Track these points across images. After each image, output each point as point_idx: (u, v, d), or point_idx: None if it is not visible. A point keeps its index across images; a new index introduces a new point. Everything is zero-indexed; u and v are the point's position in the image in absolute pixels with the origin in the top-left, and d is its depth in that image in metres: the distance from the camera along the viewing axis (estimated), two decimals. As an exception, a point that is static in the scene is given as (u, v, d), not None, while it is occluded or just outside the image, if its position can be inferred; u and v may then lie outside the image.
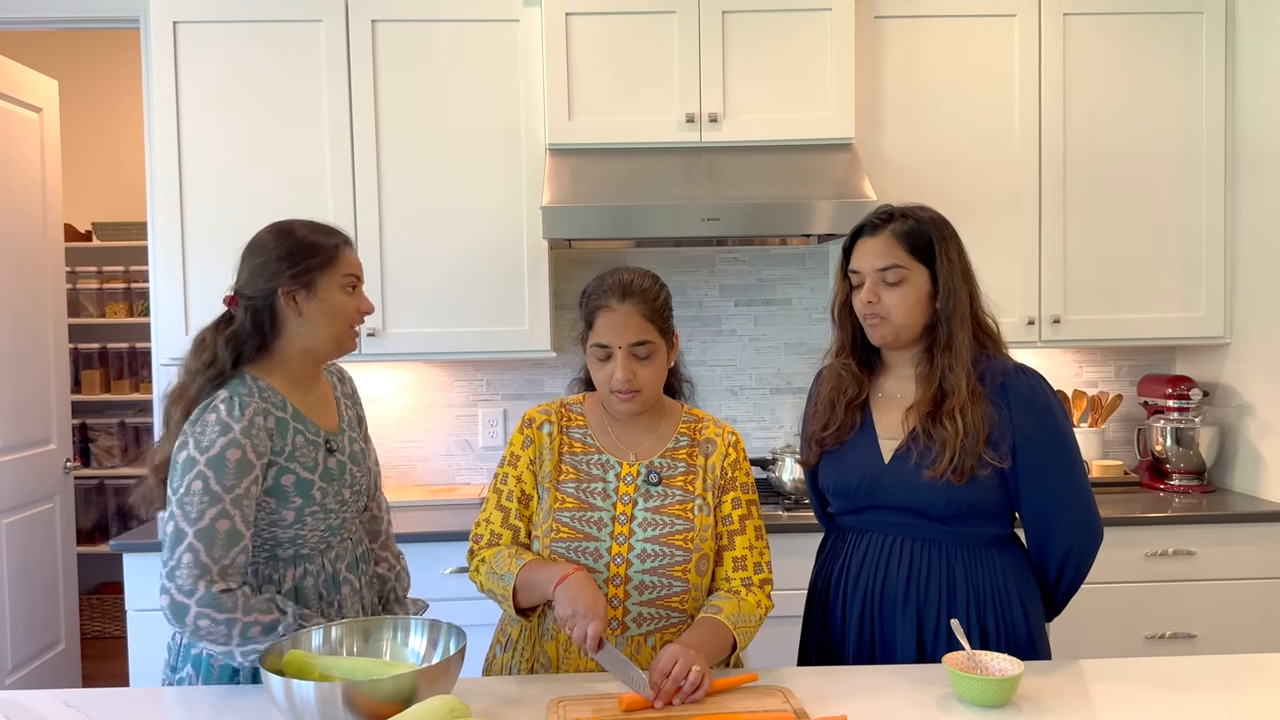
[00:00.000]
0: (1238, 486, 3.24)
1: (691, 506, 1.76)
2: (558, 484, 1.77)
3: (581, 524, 1.73)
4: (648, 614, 1.71)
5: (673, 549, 1.72)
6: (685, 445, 1.81)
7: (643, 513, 1.74)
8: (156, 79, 3.03)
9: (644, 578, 1.70)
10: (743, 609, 1.70)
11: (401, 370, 3.45)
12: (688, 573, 1.72)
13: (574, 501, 1.75)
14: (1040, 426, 1.75)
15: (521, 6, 3.05)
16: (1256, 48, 3.09)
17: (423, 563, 2.82)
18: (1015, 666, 1.54)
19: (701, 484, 1.78)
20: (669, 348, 1.78)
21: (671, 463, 1.79)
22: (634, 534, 1.72)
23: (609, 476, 1.77)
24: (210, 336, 1.77)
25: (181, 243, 3.04)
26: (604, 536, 1.72)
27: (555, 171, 2.94)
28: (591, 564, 1.71)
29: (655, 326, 1.73)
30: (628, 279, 1.74)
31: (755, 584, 1.77)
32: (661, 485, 1.76)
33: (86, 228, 5.04)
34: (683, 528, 1.73)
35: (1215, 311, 3.21)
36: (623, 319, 1.70)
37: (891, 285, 1.77)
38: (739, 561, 1.77)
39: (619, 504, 1.75)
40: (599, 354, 1.73)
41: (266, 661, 1.46)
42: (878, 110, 3.13)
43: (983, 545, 1.78)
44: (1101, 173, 3.18)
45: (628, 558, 1.71)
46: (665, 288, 1.80)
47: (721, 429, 1.85)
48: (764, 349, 3.51)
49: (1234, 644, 2.87)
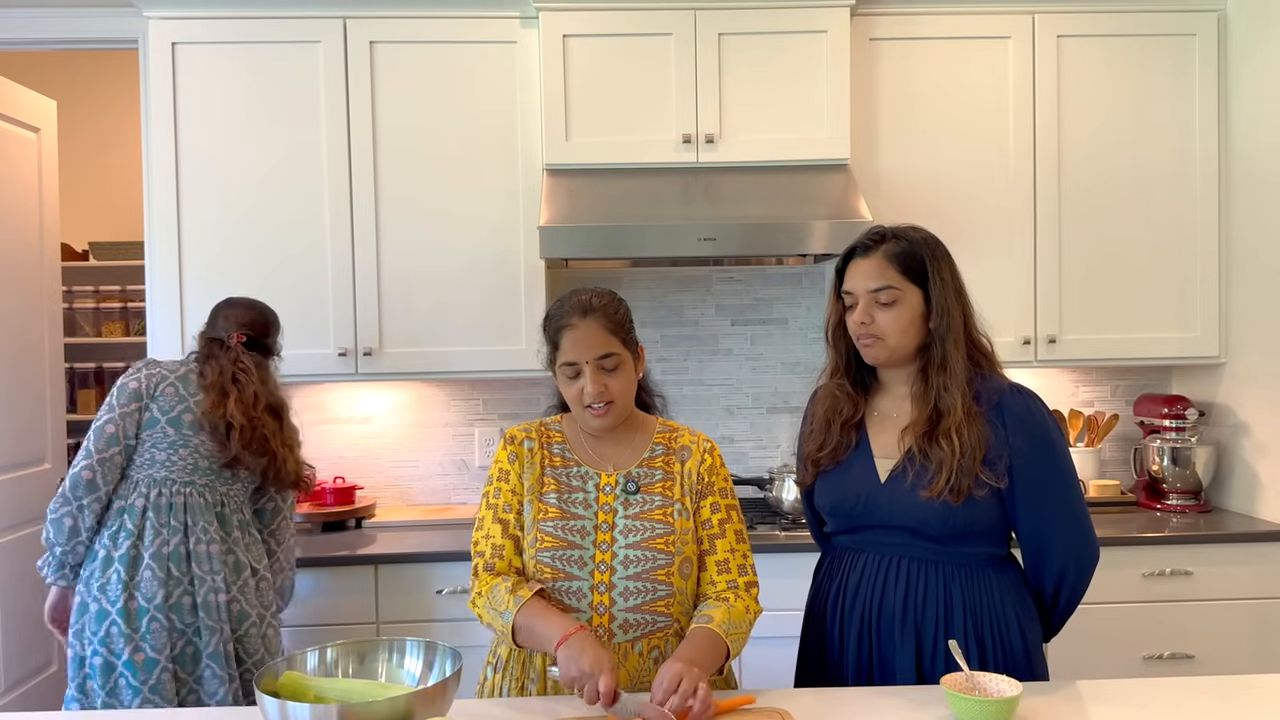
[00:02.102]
0: (1234, 506, 3.24)
1: (671, 511, 1.78)
2: (540, 495, 1.80)
3: (565, 533, 1.76)
4: (634, 620, 1.72)
5: (655, 553, 1.74)
6: (661, 454, 1.84)
7: (623, 520, 1.76)
8: (155, 100, 3.04)
9: (628, 583, 1.72)
10: (733, 616, 1.71)
11: (398, 389, 3.45)
12: (671, 576, 1.74)
13: (556, 511, 1.78)
14: (1035, 446, 1.75)
15: (519, 28, 3.07)
16: (1249, 69, 3.12)
17: (417, 583, 2.81)
18: (1014, 688, 1.54)
19: (679, 489, 1.81)
20: (635, 359, 1.82)
21: (648, 471, 1.82)
22: (616, 541, 1.75)
23: (589, 487, 1.80)
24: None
25: (178, 263, 3.04)
26: (587, 545, 1.75)
27: (552, 191, 2.96)
28: (576, 571, 1.73)
29: (618, 339, 1.77)
30: (586, 297, 1.79)
31: (741, 587, 1.78)
32: (640, 493, 1.79)
33: (83, 247, 5.04)
34: (663, 531, 1.76)
35: (1210, 331, 3.22)
36: (586, 334, 1.74)
37: (885, 306, 1.77)
38: (722, 565, 1.79)
39: (600, 513, 1.78)
40: (568, 372, 1.77)
41: (262, 684, 1.45)
42: (873, 131, 3.15)
43: (979, 565, 1.78)
44: (1096, 193, 3.20)
45: (611, 564, 1.73)
46: (624, 303, 1.84)
47: (696, 436, 1.87)
48: (760, 368, 3.52)
49: (1232, 664, 2.86)
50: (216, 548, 2.32)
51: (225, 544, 2.35)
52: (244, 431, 2.36)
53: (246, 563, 2.38)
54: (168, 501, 2.31)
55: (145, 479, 2.34)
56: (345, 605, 2.80)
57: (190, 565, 2.29)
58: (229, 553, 2.35)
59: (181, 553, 2.29)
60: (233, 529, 2.38)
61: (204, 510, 2.34)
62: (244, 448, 2.37)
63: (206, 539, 2.32)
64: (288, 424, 2.51)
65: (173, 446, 2.36)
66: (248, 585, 2.36)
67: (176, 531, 2.30)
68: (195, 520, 2.32)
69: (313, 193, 3.07)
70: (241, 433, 2.36)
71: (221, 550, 2.33)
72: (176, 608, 2.26)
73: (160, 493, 2.32)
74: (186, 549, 2.30)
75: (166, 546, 2.28)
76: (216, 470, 2.39)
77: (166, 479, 2.34)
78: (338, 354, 3.06)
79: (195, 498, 2.34)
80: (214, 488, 2.38)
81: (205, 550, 2.31)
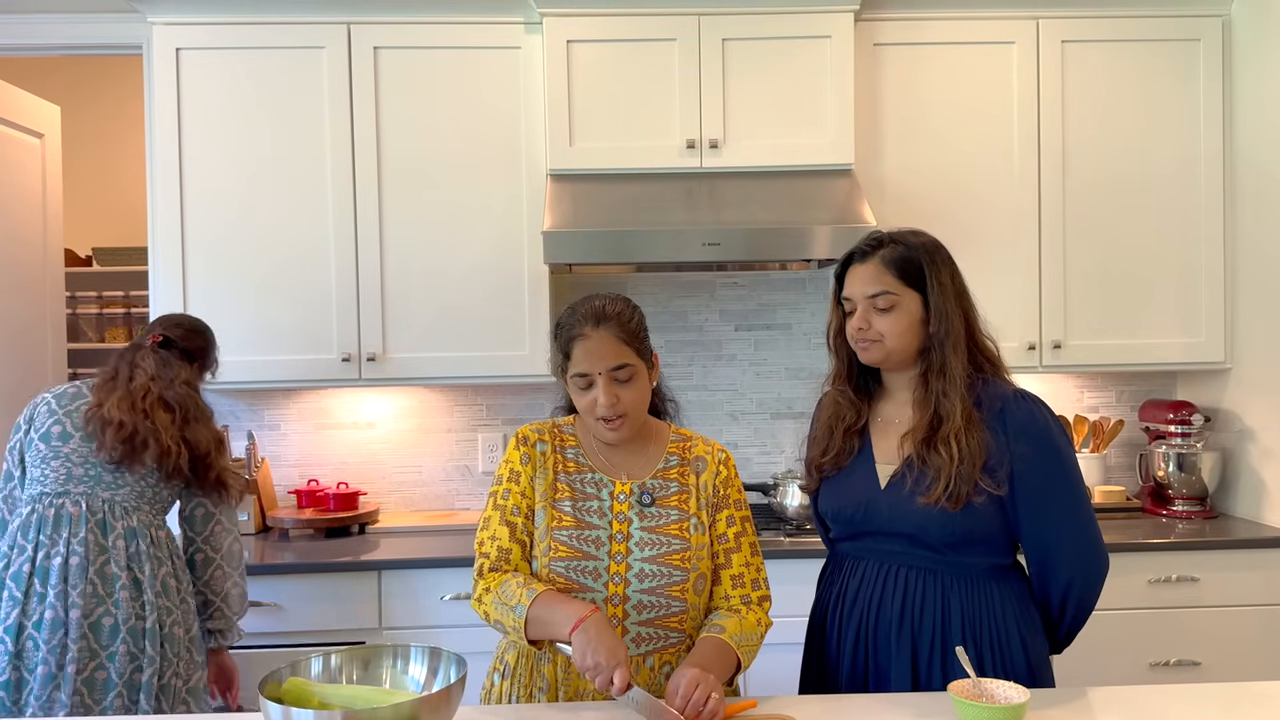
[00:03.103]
0: (1240, 512, 3.23)
1: (688, 526, 1.75)
2: (554, 501, 1.76)
3: (580, 543, 1.72)
4: (646, 634, 1.70)
5: (670, 569, 1.71)
6: (676, 465, 1.81)
7: (639, 532, 1.73)
8: (159, 105, 3.04)
9: (642, 597, 1.69)
10: (744, 627, 1.70)
11: (401, 395, 3.44)
12: (686, 592, 1.71)
13: (571, 520, 1.74)
14: (1039, 452, 1.73)
15: (523, 34, 3.07)
16: (1254, 74, 3.12)
17: (421, 589, 2.81)
18: (1021, 694, 1.53)
19: (695, 503, 1.78)
20: (649, 368, 1.77)
21: (663, 483, 1.78)
22: (631, 553, 1.72)
23: (603, 495, 1.77)
24: None
25: (182, 268, 3.04)
26: (602, 555, 1.72)
27: (556, 196, 2.95)
28: (590, 583, 1.70)
29: (632, 349, 1.72)
30: (599, 305, 1.73)
31: (754, 601, 1.76)
32: (655, 505, 1.76)
33: (87, 253, 5.05)
34: (680, 547, 1.73)
35: (1216, 336, 3.21)
36: (599, 345, 1.69)
37: (882, 311, 1.77)
38: (737, 579, 1.77)
39: (615, 522, 1.74)
40: (580, 383, 1.73)
41: (266, 690, 1.45)
42: (877, 136, 3.15)
43: (980, 575, 1.76)
44: (1101, 198, 3.19)
45: (625, 577, 1.70)
46: (638, 310, 1.79)
47: (710, 446, 1.84)
48: (765, 374, 3.51)
49: (1239, 671, 2.85)
50: (77, 560, 2.19)
51: (99, 554, 2.22)
52: (122, 427, 2.26)
53: (118, 573, 2.21)
54: (39, 517, 2.23)
55: (27, 498, 2.29)
56: (348, 611, 2.80)
57: (46, 580, 2.18)
58: (105, 563, 2.22)
59: (45, 568, 2.19)
60: (117, 537, 2.24)
61: (73, 521, 2.22)
62: (124, 443, 2.26)
63: (69, 551, 2.20)
64: (195, 423, 2.37)
65: (45, 461, 2.29)
66: (120, 595, 2.20)
67: (41, 547, 2.20)
68: (60, 532, 2.21)
69: (316, 198, 3.07)
70: (120, 428, 2.26)
71: (86, 561, 2.20)
72: (22, 628, 2.17)
73: (34, 510, 2.25)
74: (47, 564, 2.19)
75: (27, 564, 2.19)
76: (97, 476, 2.28)
77: (41, 494, 2.26)
78: (341, 359, 3.06)
79: (67, 509, 2.23)
80: (95, 495, 2.26)
81: (63, 563, 2.18)
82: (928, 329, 1.77)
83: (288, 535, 3.14)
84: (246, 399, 3.41)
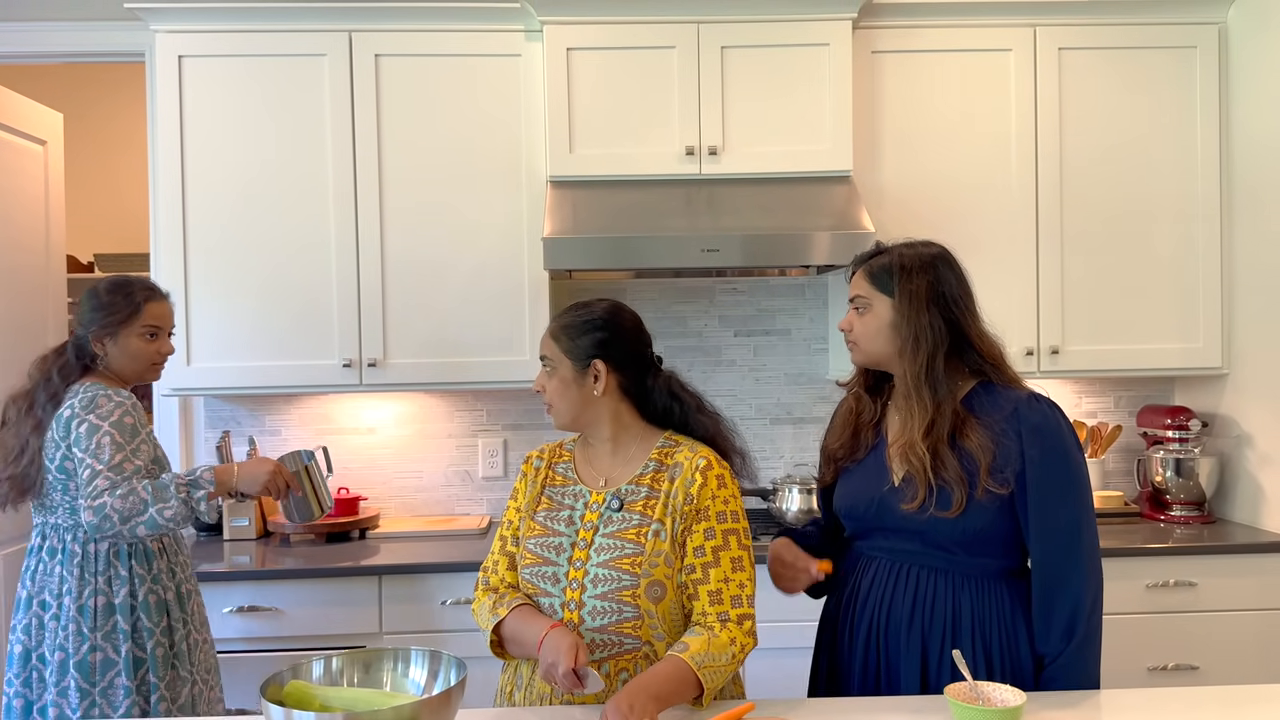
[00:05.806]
0: (1238, 517, 3.23)
1: (645, 531, 1.73)
2: (533, 514, 1.84)
3: (543, 549, 1.78)
4: (601, 640, 1.71)
5: (620, 573, 1.70)
6: (651, 471, 1.80)
7: (600, 538, 1.75)
8: (161, 113, 3.06)
9: (596, 603, 1.71)
10: (712, 647, 1.63)
11: (401, 400, 3.45)
12: (638, 598, 1.69)
13: (540, 528, 1.81)
14: (1049, 455, 1.75)
15: (524, 42, 3.09)
16: (1251, 81, 3.13)
17: (422, 594, 2.82)
18: (1017, 697, 1.54)
19: (661, 509, 1.75)
20: (578, 372, 1.79)
21: (635, 488, 1.78)
22: (590, 559, 1.74)
23: (578, 505, 1.81)
24: (51, 357, 2.30)
25: (184, 274, 3.05)
26: (561, 561, 1.75)
27: (556, 203, 2.97)
28: (549, 588, 1.75)
29: (559, 345, 1.81)
30: (568, 306, 1.86)
31: (732, 619, 1.69)
32: (623, 510, 1.77)
33: (89, 259, 5.05)
34: (632, 552, 1.72)
35: (1213, 342, 3.22)
36: (545, 336, 1.85)
37: (859, 314, 1.86)
38: (714, 596, 1.70)
39: (581, 530, 1.77)
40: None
41: (268, 692, 1.46)
42: (875, 143, 3.16)
43: (991, 577, 1.78)
44: (1098, 204, 3.21)
45: (582, 582, 1.72)
46: (598, 320, 1.81)
47: (694, 453, 1.79)
48: (764, 379, 3.52)
49: (1237, 675, 2.86)
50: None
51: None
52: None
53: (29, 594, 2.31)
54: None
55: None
56: (349, 616, 2.81)
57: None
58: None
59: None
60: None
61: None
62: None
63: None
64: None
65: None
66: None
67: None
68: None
69: (317, 205, 3.08)
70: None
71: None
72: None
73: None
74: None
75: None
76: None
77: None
78: (342, 365, 3.07)
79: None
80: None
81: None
82: (900, 334, 1.80)
83: (289, 540, 3.15)
84: (248, 404, 3.42)
